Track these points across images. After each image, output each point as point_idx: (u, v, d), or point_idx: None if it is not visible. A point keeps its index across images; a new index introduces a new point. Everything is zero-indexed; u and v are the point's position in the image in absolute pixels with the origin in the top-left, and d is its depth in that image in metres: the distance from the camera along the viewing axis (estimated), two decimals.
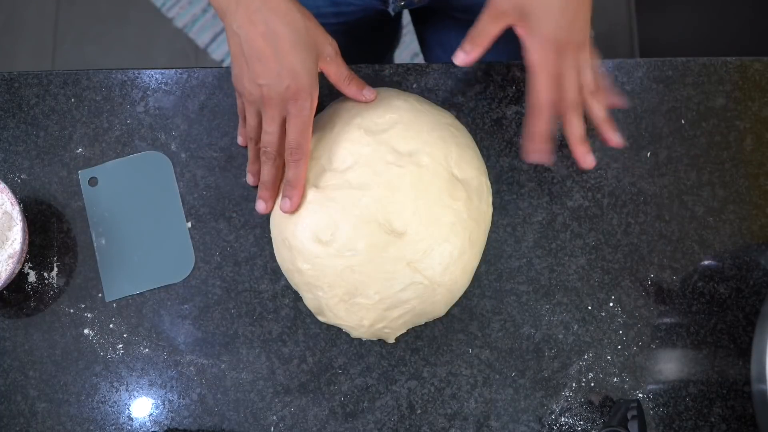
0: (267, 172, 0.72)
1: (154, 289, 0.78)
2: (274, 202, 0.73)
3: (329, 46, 0.70)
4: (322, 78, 0.80)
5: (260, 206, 0.74)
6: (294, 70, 0.66)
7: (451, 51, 1.04)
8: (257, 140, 0.72)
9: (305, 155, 0.70)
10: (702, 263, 0.76)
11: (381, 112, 0.73)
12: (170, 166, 0.80)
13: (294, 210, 0.71)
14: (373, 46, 1.08)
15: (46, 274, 0.78)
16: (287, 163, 0.70)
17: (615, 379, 0.75)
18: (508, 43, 0.97)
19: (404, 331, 0.73)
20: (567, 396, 0.75)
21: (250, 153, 0.75)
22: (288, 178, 0.70)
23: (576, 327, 0.76)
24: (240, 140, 0.78)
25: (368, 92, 0.74)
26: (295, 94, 0.67)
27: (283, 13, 0.66)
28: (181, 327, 0.77)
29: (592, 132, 0.73)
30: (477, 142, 0.78)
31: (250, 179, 0.77)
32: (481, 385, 0.75)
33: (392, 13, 0.89)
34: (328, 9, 0.91)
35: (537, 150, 0.70)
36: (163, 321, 0.77)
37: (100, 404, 0.76)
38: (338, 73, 0.72)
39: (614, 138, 0.72)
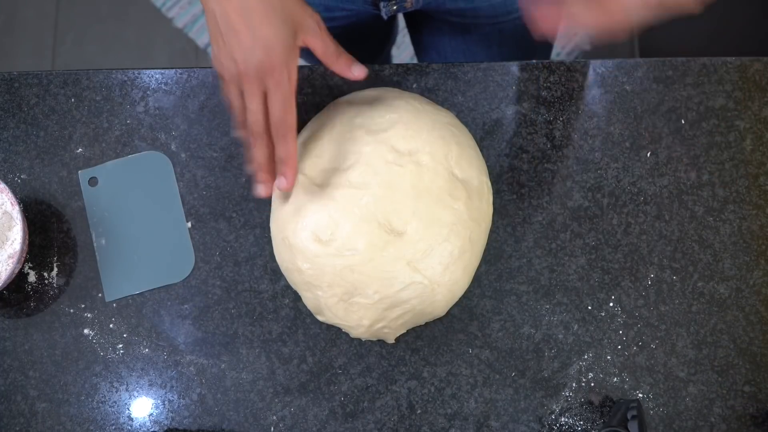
0: (259, 152, 0.70)
1: (154, 289, 0.78)
2: (272, 184, 0.71)
3: (310, 19, 0.67)
4: (322, 78, 0.81)
5: (259, 190, 0.71)
6: (268, 43, 0.64)
7: (446, 54, 1.04)
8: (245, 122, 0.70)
9: (291, 129, 0.67)
10: None
11: (381, 112, 0.73)
12: (170, 166, 0.80)
13: (290, 187, 0.69)
14: (367, 49, 1.08)
15: (46, 274, 0.78)
16: (275, 140, 0.68)
17: (615, 379, 0.75)
18: (502, 45, 0.97)
19: (404, 331, 0.73)
20: (567, 396, 0.75)
21: (244, 138, 0.73)
22: (279, 156, 0.68)
23: (576, 327, 0.76)
24: (234, 132, 0.77)
25: (357, 69, 0.71)
26: (270, 67, 0.65)
27: None
28: (181, 327, 0.77)
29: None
30: (477, 142, 0.78)
31: (249, 168, 0.75)
32: (481, 385, 0.75)
33: (385, 17, 0.89)
34: (322, 14, 0.90)
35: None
36: (163, 321, 0.77)
37: (100, 404, 0.76)
38: (324, 47, 0.69)
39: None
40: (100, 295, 0.78)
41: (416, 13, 0.98)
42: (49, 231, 0.79)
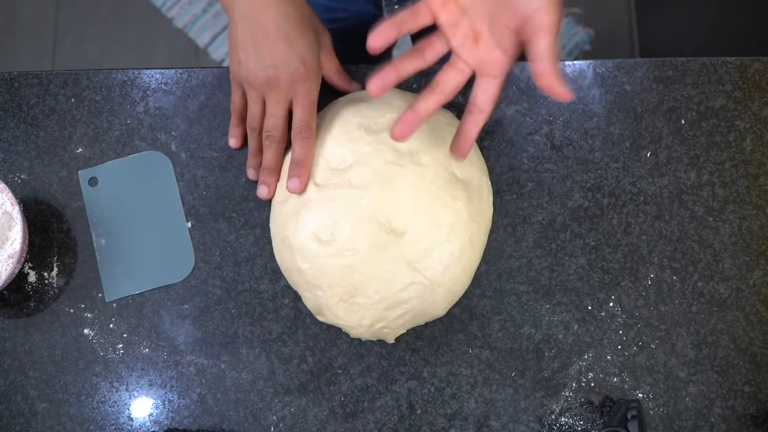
0: (270, 156, 0.73)
1: (154, 289, 0.78)
2: (276, 187, 0.75)
3: (326, 36, 0.73)
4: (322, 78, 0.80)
5: (263, 191, 0.75)
6: (302, 53, 0.69)
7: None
8: (260, 129, 0.73)
9: (313, 134, 0.71)
10: None
11: (381, 112, 0.73)
12: (170, 166, 0.80)
13: (302, 189, 0.71)
14: (368, 51, 1.09)
15: (46, 274, 0.78)
16: (295, 141, 0.71)
17: (615, 379, 0.75)
18: None
19: (404, 331, 0.73)
20: (567, 396, 0.75)
21: (252, 145, 0.75)
22: (296, 157, 0.71)
23: (576, 327, 0.76)
24: (233, 142, 0.79)
25: (355, 83, 0.78)
26: (304, 75, 0.69)
27: None
28: (181, 327, 0.77)
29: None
30: (477, 142, 0.78)
31: (251, 174, 0.77)
32: (481, 385, 0.75)
33: (387, 18, 0.89)
34: (323, 16, 0.91)
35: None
36: (163, 321, 0.77)
37: (100, 404, 0.76)
38: (332, 65, 0.75)
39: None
40: (100, 295, 0.78)
41: None
42: (49, 231, 0.79)
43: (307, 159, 0.71)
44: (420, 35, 1.04)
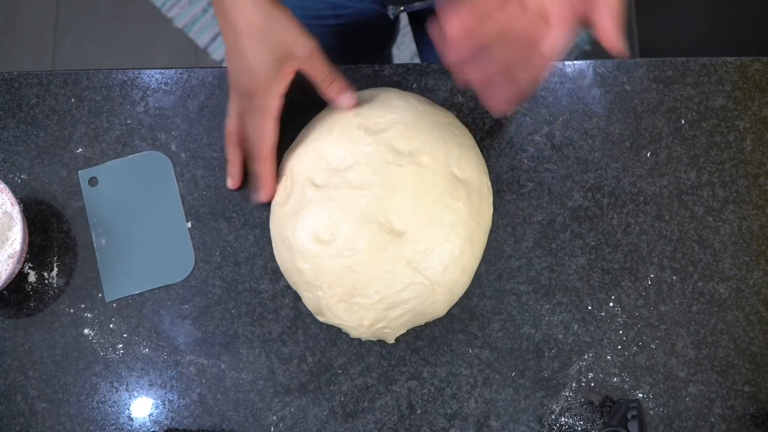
0: (228, 151, 0.76)
1: (154, 289, 0.78)
2: (241, 181, 0.77)
3: (301, 49, 0.68)
4: None
5: (228, 182, 0.77)
6: (250, 68, 0.68)
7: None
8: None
9: (266, 151, 0.71)
10: None
11: (381, 112, 0.72)
12: (170, 166, 0.80)
13: (266, 200, 0.74)
14: (371, 46, 1.09)
15: (46, 274, 0.78)
16: (253, 159, 0.73)
17: (615, 379, 0.75)
18: None
19: (404, 331, 0.73)
20: (567, 396, 0.75)
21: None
22: (255, 172, 0.74)
23: (576, 327, 0.76)
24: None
25: (346, 98, 0.71)
26: (251, 91, 0.69)
27: (247, 12, 0.67)
28: (181, 327, 0.77)
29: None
30: (477, 142, 0.78)
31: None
32: (481, 385, 0.75)
33: (392, 17, 0.89)
34: (328, 12, 0.91)
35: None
36: (163, 321, 0.77)
37: (100, 404, 0.76)
38: (317, 74, 0.70)
39: None
40: (100, 295, 0.78)
41: (421, 11, 0.98)
42: (49, 231, 0.79)
43: (266, 176, 0.72)
44: (424, 31, 1.04)
